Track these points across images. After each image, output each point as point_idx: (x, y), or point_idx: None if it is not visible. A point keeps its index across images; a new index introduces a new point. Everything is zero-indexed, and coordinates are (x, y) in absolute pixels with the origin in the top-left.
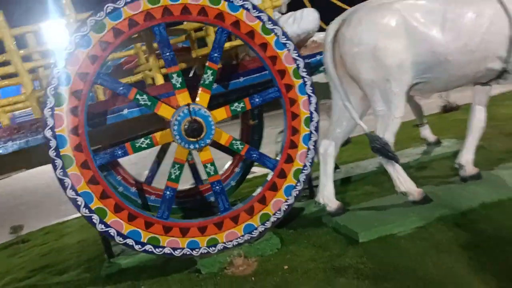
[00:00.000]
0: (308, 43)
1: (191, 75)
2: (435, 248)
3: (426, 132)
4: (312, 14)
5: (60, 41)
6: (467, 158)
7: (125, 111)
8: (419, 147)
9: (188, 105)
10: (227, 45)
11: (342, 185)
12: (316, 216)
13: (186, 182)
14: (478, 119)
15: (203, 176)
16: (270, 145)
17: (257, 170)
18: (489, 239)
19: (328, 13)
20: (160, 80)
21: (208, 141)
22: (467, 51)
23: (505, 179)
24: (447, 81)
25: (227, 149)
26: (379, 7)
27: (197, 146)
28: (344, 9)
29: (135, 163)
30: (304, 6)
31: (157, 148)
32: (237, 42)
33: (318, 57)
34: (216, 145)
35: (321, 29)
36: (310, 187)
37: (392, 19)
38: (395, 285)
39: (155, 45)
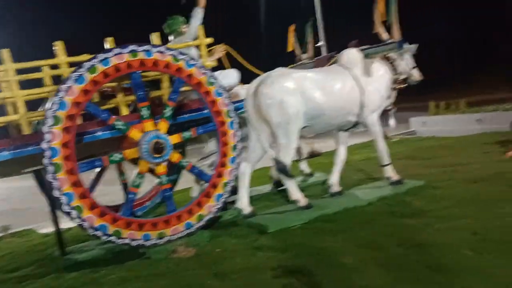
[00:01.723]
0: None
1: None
2: (316, 234)
3: (304, 166)
4: (235, 73)
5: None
6: (334, 180)
7: (99, 133)
8: (299, 176)
9: (156, 130)
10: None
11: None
12: (232, 220)
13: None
14: (342, 153)
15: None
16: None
17: None
18: (347, 227)
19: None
20: (124, 112)
21: (167, 157)
22: (336, 108)
23: (358, 195)
24: (323, 127)
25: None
26: (284, 75)
27: (159, 161)
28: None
29: None
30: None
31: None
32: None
33: (237, 104)
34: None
35: None
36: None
37: (292, 83)
38: (293, 253)
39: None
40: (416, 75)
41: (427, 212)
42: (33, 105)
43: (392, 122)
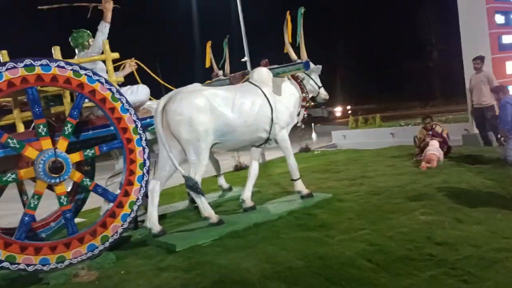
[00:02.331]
0: (140, 110)
1: None
2: (224, 250)
3: (222, 181)
4: (145, 89)
5: None
6: (247, 195)
7: None
8: (217, 191)
9: (55, 149)
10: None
11: (161, 219)
12: (141, 240)
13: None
14: (254, 168)
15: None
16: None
17: None
18: (255, 243)
19: (154, 89)
20: (21, 129)
21: (66, 177)
22: (246, 125)
23: (270, 209)
24: (235, 143)
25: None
26: (194, 92)
27: (57, 180)
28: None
29: None
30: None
31: None
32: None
33: (148, 120)
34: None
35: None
36: (136, 221)
37: (202, 101)
38: (200, 273)
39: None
40: (323, 93)
41: (332, 224)
42: None
43: (314, 136)
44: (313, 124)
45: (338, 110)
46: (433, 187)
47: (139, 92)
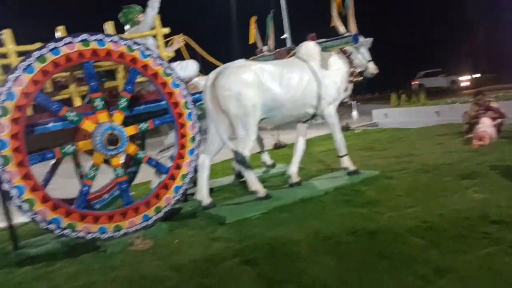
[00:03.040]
0: (188, 85)
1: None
2: (272, 224)
3: (266, 158)
4: (194, 64)
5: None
6: (293, 171)
7: (50, 124)
8: (261, 168)
9: (111, 122)
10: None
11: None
12: (191, 212)
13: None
14: (300, 144)
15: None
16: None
17: None
18: (302, 217)
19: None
20: (77, 103)
21: (121, 149)
22: (293, 100)
23: (315, 185)
24: (282, 119)
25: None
26: (242, 67)
27: (113, 153)
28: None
29: None
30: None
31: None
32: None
33: (197, 95)
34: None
35: None
36: (185, 194)
37: (250, 76)
38: (249, 243)
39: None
40: (372, 68)
41: (380, 201)
42: None
43: (355, 114)
44: (353, 101)
45: (464, 79)
46: (486, 165)
47: (188, 68)
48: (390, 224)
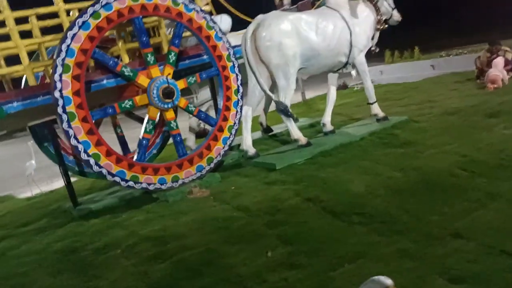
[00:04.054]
0: None
1: None
2: (320, 167)
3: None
4: (228, 19)
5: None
6: (327, 119)
7: (104, 81)
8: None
9: (167, 75)
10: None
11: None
12: (235, 163)
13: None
14: (332, 93)
15: (131, 146)
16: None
17: None
18: (347, 159)
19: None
20: (126, 59)
21: (177, 102)
22: (329, 49)
23: (350, 132)
24: (317, 68)
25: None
26: (280, 17)
27: (169, 106)
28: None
29: None
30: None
31: None
32: None
33: (238, 48)
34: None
35: None
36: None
37: (288, 25)
38: (308, 184)
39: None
40: (397, 16)
41: (417, 142)
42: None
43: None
44: (374, 49)
45: None
46: (508, 104)
47: (222, 22)
48: (433, 160)
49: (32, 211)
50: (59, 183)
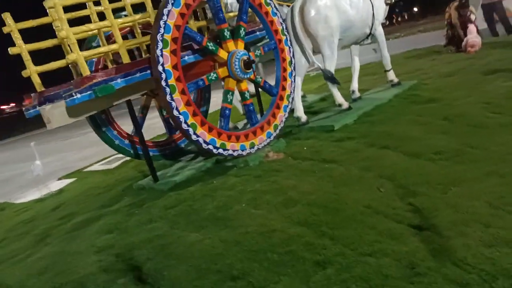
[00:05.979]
0: None
1: None
2: (372, 124)
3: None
4: None
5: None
6: (355, 86)
7: (186, 58)
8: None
9: (247, 48)
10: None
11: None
12: (288, 131)
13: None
14: (356, 63)
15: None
16: None
17: None
18: (391, 116)
19: None
20: None
21: (251, 74)
22: (361, 21)
23: (375, 97)
24: (350, 39)
25: None
26: None
27: (247, 76)
28: None
29: None
30: None
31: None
32: None
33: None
34: None
35: None
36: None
37: (330, 0)
38: (372, 138)
39: None
40: None
41: (439, 98)
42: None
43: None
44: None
45: None
46: (495, 63)
47: None
48: (465, 109)
49: (104, 194)
50: (61, 183)
